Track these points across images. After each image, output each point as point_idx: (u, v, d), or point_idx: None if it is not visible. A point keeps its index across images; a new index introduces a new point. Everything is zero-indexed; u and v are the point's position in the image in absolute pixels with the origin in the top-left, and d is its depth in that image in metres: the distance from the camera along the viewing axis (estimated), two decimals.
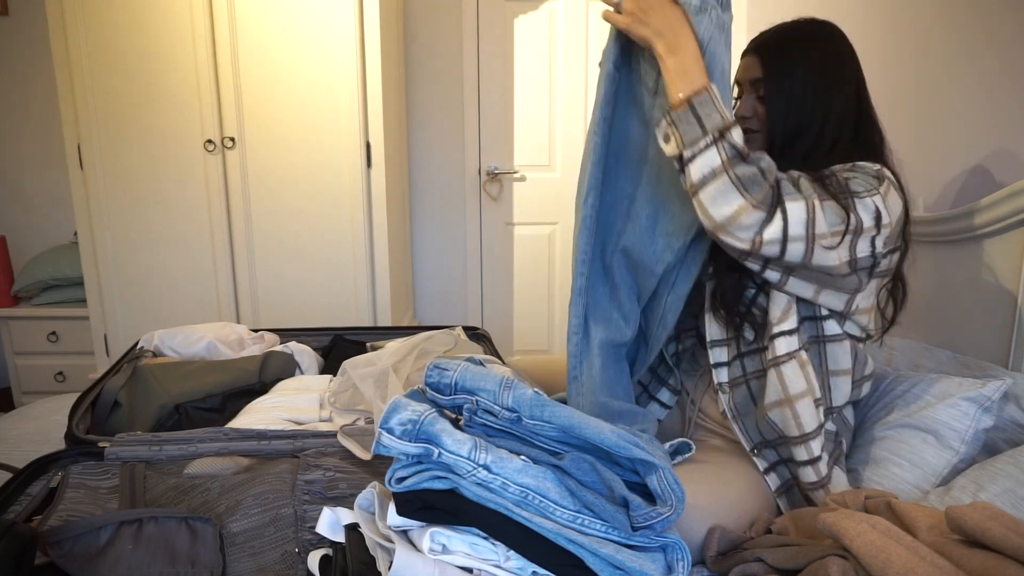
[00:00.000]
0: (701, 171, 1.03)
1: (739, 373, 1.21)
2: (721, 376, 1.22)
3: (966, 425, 1.15)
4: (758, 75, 1.21)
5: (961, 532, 0.81)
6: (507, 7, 3.03)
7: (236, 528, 1.04)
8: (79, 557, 0.93)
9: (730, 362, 1.22)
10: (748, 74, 1.23)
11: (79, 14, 2.32)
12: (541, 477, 0.86)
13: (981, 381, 1.19)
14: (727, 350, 1.22)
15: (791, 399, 1.13)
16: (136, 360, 1.71)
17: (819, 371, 1.17)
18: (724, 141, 1.02)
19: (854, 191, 1.06)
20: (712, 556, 0.99)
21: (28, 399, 2.87)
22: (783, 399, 1.13)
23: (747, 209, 1.01)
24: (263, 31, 2.35)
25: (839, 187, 1.07)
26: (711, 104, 1.03)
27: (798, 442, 1.14)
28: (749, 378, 1.20)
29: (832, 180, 1.08)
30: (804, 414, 1.13)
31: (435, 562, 0.83)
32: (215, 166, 2.44)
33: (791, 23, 1.23)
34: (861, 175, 1.10)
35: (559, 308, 3.29)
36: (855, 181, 1.08)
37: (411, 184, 3.16)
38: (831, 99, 1.17)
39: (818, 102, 1.17)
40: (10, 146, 3.04)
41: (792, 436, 1.14)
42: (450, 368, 0.94)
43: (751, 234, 1.02)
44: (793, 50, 1.19)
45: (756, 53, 1.22)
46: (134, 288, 2.54)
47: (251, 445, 1.32)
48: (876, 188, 1.08)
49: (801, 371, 1.13)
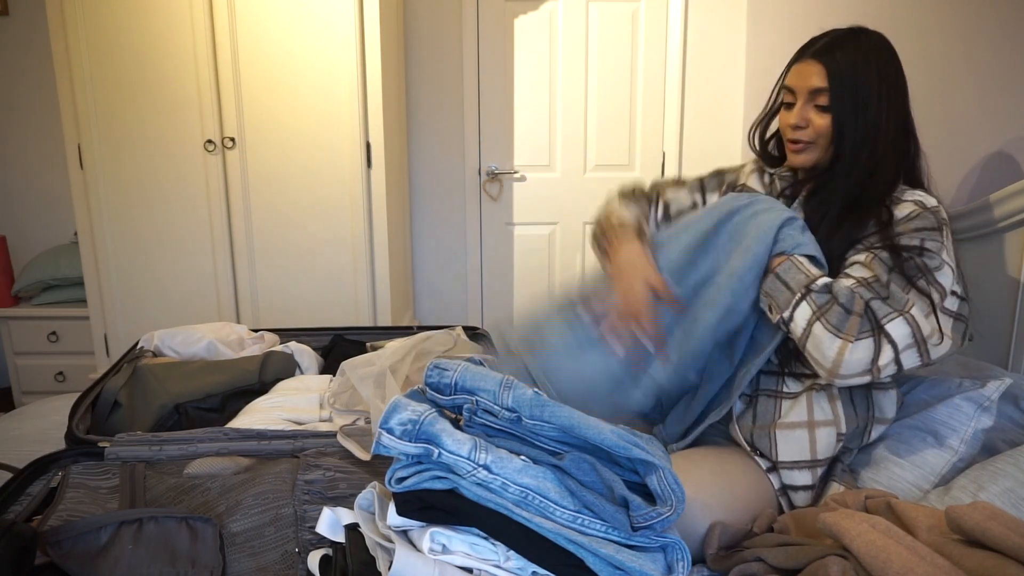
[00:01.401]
0: (800, 326, 1.08)
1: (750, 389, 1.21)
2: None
3: (965, 425, 1.15)
4: (821, 84, 1.16)
5: (961, 532, 0.81)
6: (507, 7, 3.03)
7: (236, 528, 1.04)
8: (79, 557, 0.93)
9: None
10: (808, 82, 1.18)
11: (79, 14, 2.32)
12: (541, 477, 0.86)
13: (980, 381, 1.19)
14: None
15: (814, 424, 1.15)
16: (136, 360, 1.71)
17: (864, 417, 1.18)
18: (811, 294, 1.07)
19: (932, 267, 1.08)
20: (713, 553, 0.99)
21: (28, 399, 2.87)
22: (806, 422, 1.15)
23: (847, 346, 1.03)
24: (263, 31, 2.35)
25: (919, 269, 1.07)
26: (795, 268, 1.10)
27: (804, 467, 1.15)
28: (760, 395, 1.20)
29: (911, 264, 1.08)
30: (821, 441, 1.15)
31: (435, 562, 0.83)
32: (215, 166, 2.44)
33: (849, 31, 1.20)
34: (928, 235, 1.10)
35: None
36: (929, 253, 1.08)
37: (411, 184, 3.16)
38: (892, 112, 1.16)
39: (881, 115, 1.15)
40: (10, 146, 3.04)
41: (794, 460, 1.15)
42: (450, 368, 0.94)
43: (863, 368, 1.04)
44: (858, 60, 1.15)
45: (819, 61, 1.17)
46: (134, 288, 2.54)
47: (251, 445, 1.32)
48: (942, 242, 1.10)
49: (829, 403, 1.15)
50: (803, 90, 1.19)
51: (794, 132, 1.20)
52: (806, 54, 1.20)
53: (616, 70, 3.08)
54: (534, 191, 3.19)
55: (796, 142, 1.21)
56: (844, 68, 1.15)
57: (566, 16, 3.03)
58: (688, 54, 3.06)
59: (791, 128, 1.21)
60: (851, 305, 1.05)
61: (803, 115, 1.19)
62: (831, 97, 1.15)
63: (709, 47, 3.04)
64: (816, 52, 1.18)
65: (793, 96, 1.21)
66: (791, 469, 1.15)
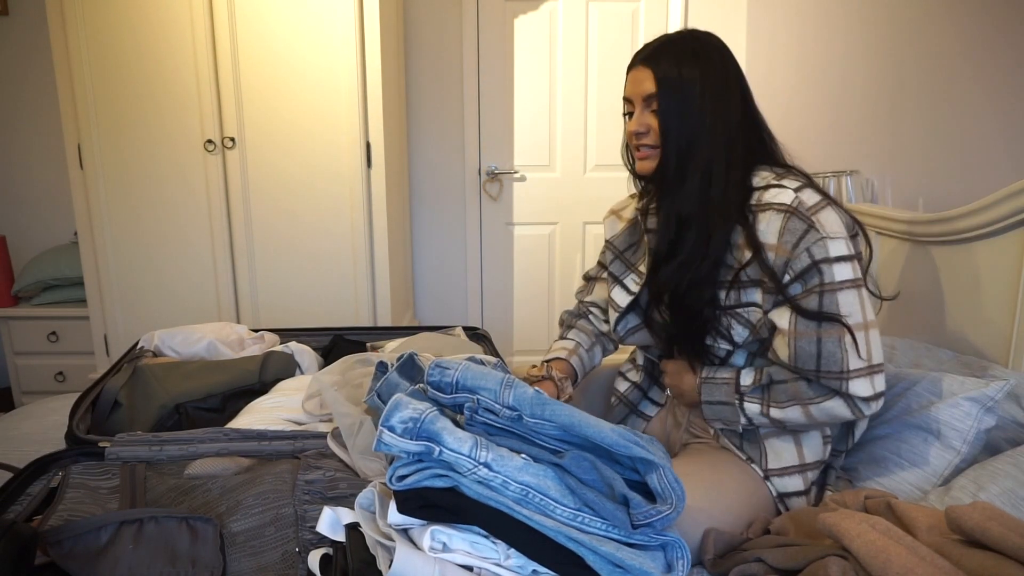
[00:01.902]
0: (759, 422, 1.15)
1: None
2: None
3: (968, 425, 1.15)
4: (651, 90, 1.16)
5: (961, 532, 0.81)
6: (507, 7, 3.03)
7: (237, 528, 1.04)
8: (79, 557, 0.93)
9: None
10: (640, 88, 1.18)
11: (79, 14, 2.32)
12: (542, 475, 0.86)
13: (984, 381, 1.19)
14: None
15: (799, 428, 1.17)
16: (136, 360, 1.71)
17: None
18: (743, 397, 1.15)
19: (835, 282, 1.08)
20: (710, 559, 1.00)
21: (28, 399, 2.87)
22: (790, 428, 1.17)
23: (814, 411, 1.10)
24: (263, 31, 2.36)
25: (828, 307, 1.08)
26: (711, 385, 1.18)
27: (795, 471, 1.17)
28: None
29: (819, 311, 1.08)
30: (808, 444, 1.18)
31: (435, 560, 0.83)
32: (215, 166, 2.44)
33: (676, 35, 1.20)
34: (809, 243, 1.08)
35: (559, 308, 3.29)
36: (825, 264, 1.08)
37: (411, 184, 3.16)
38: (721, 108, 1.15)
39: (709, 113, 1.14)
40: (10, 146, 3.04)
41: (783, 467, 1.17)
42: (451, 367, 0.94)
43: (858, 412, 1.09)
44: (683, 61, 1.15)
45: (647, 66, 1.17)
46: (134, 288, 2.54)
47: (251, 445, 1.32)
48: (821, 232, 1.09)
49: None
50: (638, 96, 1.19)
51: (637, 139, 1.20)
52: (636, 61, 1.20)
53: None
54: (534, 191, 3.19)
55: (640, 148, 1.21)
56: (668, 70, 1.15)
57: (566, 16, 3.03)
58: None
59: (633, 136, 1.21)
60: (790, 386, 1.12)
61: (641, 121, 1.19)
62: (659, 99, 1.16)
63: None
64: (645, 58, 1.18)
65: (631, 105, 1.21)
66: (781, 476, 1.16)
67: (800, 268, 1.08)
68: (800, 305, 1.09)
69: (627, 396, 1.42)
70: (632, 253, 1.35)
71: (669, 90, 1.15)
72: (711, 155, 1.14)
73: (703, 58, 1.15)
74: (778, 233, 1.10)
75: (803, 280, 1.09)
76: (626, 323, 1.32)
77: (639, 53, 1.20)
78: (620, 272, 1.34)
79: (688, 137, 1.15)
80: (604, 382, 1.54)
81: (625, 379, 1.45)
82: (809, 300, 1.08)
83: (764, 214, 1.12)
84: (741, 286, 1.14)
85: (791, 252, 1.09)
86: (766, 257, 1.10)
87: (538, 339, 3.31)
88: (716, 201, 1.14)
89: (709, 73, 1.15)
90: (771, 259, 1.10)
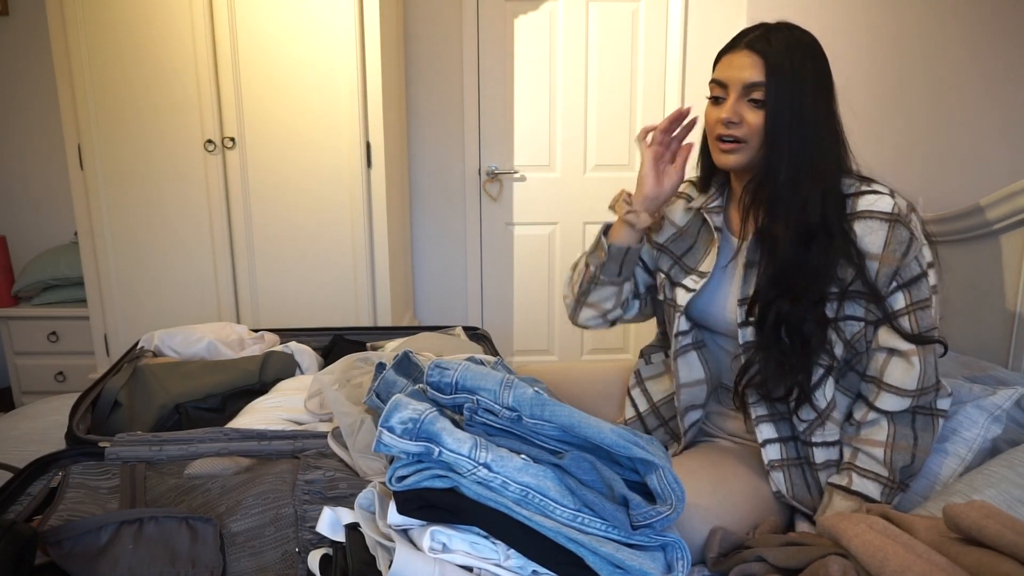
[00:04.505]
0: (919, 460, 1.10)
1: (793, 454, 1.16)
2: (772, 454, 1.15)
3: (975, 434, 1.14)
4: (757, 78, 1.05)
5: (958, 530, 0.82)
6: (507, 7, 3.03)
7: (236, 528, 1.04)
8: (79, 557, 0.93)
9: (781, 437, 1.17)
10: (741, 74, 1.07)
11: (79, 14, 2.32)
12: (541, 476, 0.86)
13: (991, 388, 1.18)
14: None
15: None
16: (136, 360, 1.71)
17: None
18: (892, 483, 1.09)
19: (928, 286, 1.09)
20: (713, 557, 1.00)
21: (28, 399, 2.87)
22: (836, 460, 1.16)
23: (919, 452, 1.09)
24: (263, 31, 2.35)
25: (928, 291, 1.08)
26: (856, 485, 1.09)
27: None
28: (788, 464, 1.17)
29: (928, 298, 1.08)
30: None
31: (435, 561, 0.83)
32: (215, 166, 2.44)
33: (783, 25, 1.10)
34: (914, 252, 1.07)
35: (559, 308, 3.29)
36: (926, 278, 1.08)
37: (411, 184, 3.16)
38: (828, 113, 1.09)
39: (822, 113, 1.07)
40: (10, 146, 3.04)
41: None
42: (451, 367, 0.94)
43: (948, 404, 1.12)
44: (796, 54, 1.06)
45: (757, 53, 1.06)
46: (134, 288, 2.54)
47: (251, 445, 1.32)
48: (920, 240, 1.09)
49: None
50: (737, 83, 1.07)
51: (725, 128, 1.09)
52: (739, 44, 1.09)
53: (616, 70, 3.08)
54: (534, 191, 3.19)
55: (726, 140, 1.10)
56: (783, 61, 1.04)
57: (566, 16, 3.03)
58: (688, 54, 3.06)
59: (721, 124, 1.09)
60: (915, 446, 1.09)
61: (735, 110, 1.08)
62: (768, 92, 1.05)
63: (709, 47, 3.04)
64: (751, 42, 1.07)
65: (723, 90, 1.10)
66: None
67: (910, 276, 1.06)
68: (915, 324, 1.07)
69: (628, 423, 1.39)
70: (691, 256, 1.24)
71: (782, 82, 1.04)
72: (827, 159, 1.07)
73: (816, 52, 1.08)
74: (884, 243, 1.05)
75: (909, 291, 1.06)
76: (682, 339, 1.23)
77: (743, 35, 1.09)
78: (679, 277, 1.24)
79: (801, 137, 1.05)
80: (616, 378, 1.51)
81: (632, 406, 1.38)
82: (923, 316, 1.07)
83: (863, 222, 1.06)
84: (848, 298, 1.07)
85: (901, 260, 1.05)
86: (867, 267, 1.06)
87: (538, 339, 3.31)
88: (834, 209, 1.06)
89: (821, 69, 1.07)
90: (873, 269, 1.06)
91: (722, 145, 1.11)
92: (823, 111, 1.08)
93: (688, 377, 1.24)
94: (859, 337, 1.10)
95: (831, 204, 1.07)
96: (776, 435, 1.14)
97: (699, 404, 1.26)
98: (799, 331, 1.07)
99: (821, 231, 1.06)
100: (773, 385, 1.09)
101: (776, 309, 1.08)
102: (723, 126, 1.10)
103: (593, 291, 1.29)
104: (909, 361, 1.06)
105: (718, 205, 1.22)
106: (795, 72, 1.05)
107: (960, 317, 1.44)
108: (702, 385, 1.24)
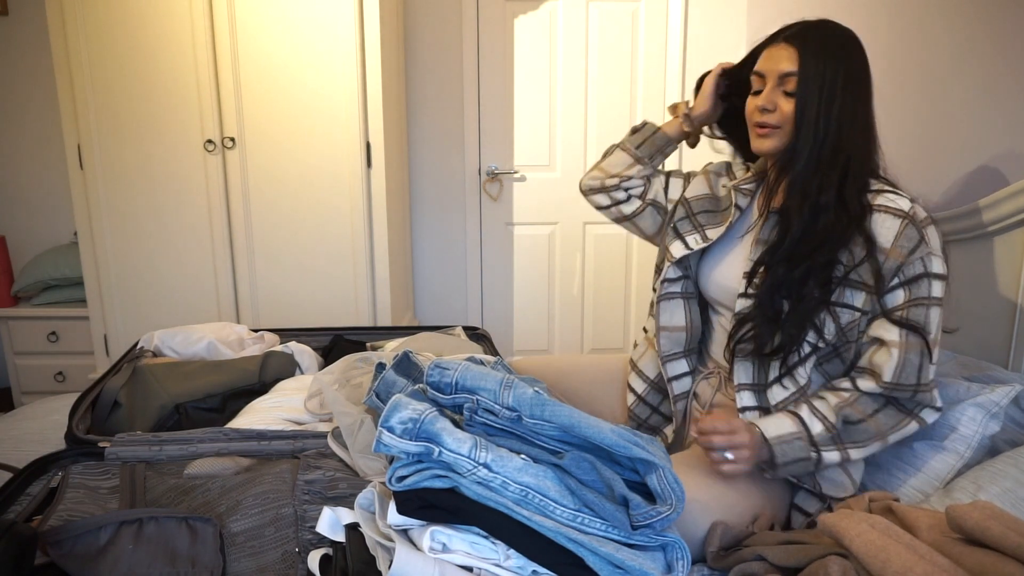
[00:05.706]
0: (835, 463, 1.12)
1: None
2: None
3: (973, 431, 1.15)
4: (791, 68, 1.13)
5: (961, 531, 0.81)
6: (507, 7, 3.03)
7: (236, 528, 1.04)
8: (79, 557, 0.93)
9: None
10: (778, 66, 1.15)
11: (79, 14, 2.32)
12: (541, 476, 0.86)
13: (990, 386, 1.18)
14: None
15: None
16: (136, 360, 1.71)
17: None
18: (820, 448, 1.10)
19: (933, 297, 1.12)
20: (713, 551, 0.99)
21: (28, 399, 2.87)
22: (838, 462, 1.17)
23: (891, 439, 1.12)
24: (263, 31, 2.35)
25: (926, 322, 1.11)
26: (784, 445, 1.10)
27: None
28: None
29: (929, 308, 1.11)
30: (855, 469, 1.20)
31: (435, 561, 0.83)
32: (215, 166, 2.44)
33: (822, 21, 1.18)
34: (921, 253, 1.10)
35: (559, 308, 3.29)
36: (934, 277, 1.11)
37: (411, 184, 3.16)
38: (860, 106, 1.15)
39: (847, 106, 1.13)
40: (10, 146, 3.04)
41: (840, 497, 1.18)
42: (451, 367, 0.94)
43: (933, 419, 1.13)
44: (831, 49, 1.13)
45: (791, 44, 1.14)
46: (134, 288, 2.53)
47: (251, 445, 1.32)
48: (930, 243, 1.12)
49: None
50: (773, 73, 1.16)
51: (761, 115, 1.17)
52: (779, 38, 1.18)
53: (616, 70, 3.08)
54: (534, 191, 3.19)
55: (762, 126, 1.18)
56: (814, 54, 1.12)
57: (566, 16, 3.03)
58: (688, 54, 3.06)
59: (758, 111, 1.18)
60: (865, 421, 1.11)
61: (771, 98, 1.16)
62: (799, 81, 1.13)
63: (709, 47, 3.04)
64: (789, 36, 1.16)
65: (763, 81, 1.19)
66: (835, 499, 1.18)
67: (912, 274, 1.10)
68: (905, 316, 1.11)
69: (633, 410, 1.42)
70: (705, 217, 1.33)
71: (811, 74, 1.12)
72: (850, 150, 1.13)
73: (849, 50, 1.14)
74: (894, 237, 1.10)
75: (908, 287, 1.11)
76: (668, 285, 1.32)
77: (783, 31, 1.18)
78: (685, 230, 1.33)
79: (827, 125, 1.12)
80: (619, 375, 1.52)
81: (632, 391, 1.43)
82: (916, 312, 1.10)
83: (879, 215, 1.12)
84: (849, 285, 1.12)
85: (906, 257, 1.10)
86: (876, 258, 1.11)
87: (538, 339, 3.31)
88: (851, 194, 1.13)
89: (852, 67, 1.13)
90: (880, 261, 1.11)
91: (758, 131, 1.20)
92: (851, 102, 1.13)
93: (669, 321, 1.34)
94: (853, 326, 1.14)
95: (849, 188, 1.13)
96: (756, 404, 1.19)
97: (679, 353, 1.34)
98: (799, 292, 1.13)
99: (836, 204, 1.13)
100: (766, 339, 1.15)
101: (778, 272, 1.15)
102: (759, 113, 1.18)
103: (611, 155, 1.46)
104: (889, 352, 1.11)
105: (750, 188, 1.30)
106: (826, 63, 1.12)
107: (960, 317, 1.44)
108: (681, 333, 1.33)
